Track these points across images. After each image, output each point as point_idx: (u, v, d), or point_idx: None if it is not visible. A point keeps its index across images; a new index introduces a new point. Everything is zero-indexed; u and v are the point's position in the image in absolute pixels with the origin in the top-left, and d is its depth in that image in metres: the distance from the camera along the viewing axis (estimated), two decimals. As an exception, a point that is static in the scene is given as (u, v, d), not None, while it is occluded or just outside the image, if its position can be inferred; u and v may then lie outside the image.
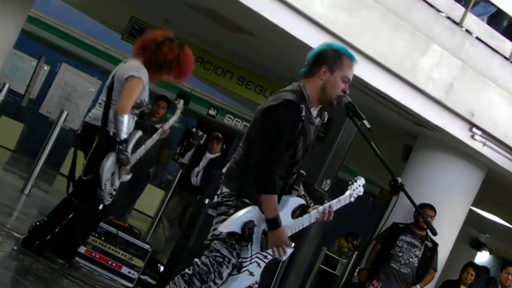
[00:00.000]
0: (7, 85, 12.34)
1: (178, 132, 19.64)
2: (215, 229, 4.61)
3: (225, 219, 4.55)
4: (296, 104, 4.54)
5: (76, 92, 20.95)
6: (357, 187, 4.93)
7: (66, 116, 11.88)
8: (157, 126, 7.50)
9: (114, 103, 6.67)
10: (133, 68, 6.69)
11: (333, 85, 4.67)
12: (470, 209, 11.41)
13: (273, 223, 4.51)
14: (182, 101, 7.87)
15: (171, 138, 9.91)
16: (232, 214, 4.54)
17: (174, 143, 12.12)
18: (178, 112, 7.81)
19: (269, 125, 4.53)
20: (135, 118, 6.88)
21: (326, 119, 4.83)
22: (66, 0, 16.55)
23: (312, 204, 4.84)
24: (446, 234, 10.35)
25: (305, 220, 4.72)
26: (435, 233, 5.32)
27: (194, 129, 12.55)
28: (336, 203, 4.84)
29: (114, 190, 6.78)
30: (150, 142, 7.30)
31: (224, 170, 4.78)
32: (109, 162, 6.64)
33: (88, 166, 6.73)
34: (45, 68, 20.48)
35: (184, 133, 19.67)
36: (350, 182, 4.95)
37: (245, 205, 4.56)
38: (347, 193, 4.89)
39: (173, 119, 7.71)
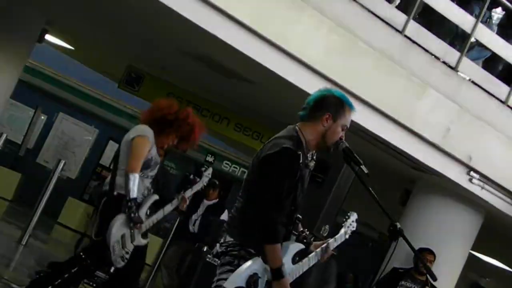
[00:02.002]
0: (4, 135, 12.35)
1: (176, 179, 19.67)
2: (220, 279, 4.53)
3: (230, 270, 4.48)
4: (294, 151, 4.52)
5: (73, 141, 20.95)
6: (351, 223, 4.95)
7: (63, 165, 11.89)
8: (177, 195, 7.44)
9: (122, 167, 6.72)
10: (138, 129, 6.82)
11: (333, 132, 4.66)
12: (470, 253, 11.35)
13: (278, 273, 4.45)
14: (210, 169, 7.80)
15: (170, 186, 9.85)
16: (237, 264, 4.48)
17: (172, 191, 12.08)
18: (205, 180, 7.75)
19: (269, 174, 4.48)
20: (146, 181, 6.86)
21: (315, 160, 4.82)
22: (62, 50, 16.62)
23: (312, 238, 4.83)
24: (446, 279, 10.28)
25: (305, 265, 4.68)
26: (435, 279, 5.27)
27: (191, 176, 12.51)
28: (333, 242, 4.85)
29: (126, 253, 6.68)
30: (168, 208, 7.23)
31: (226, 218, 4.74)
32: (116, 224, 6.60)
33: (97, 227, 6.75)
34: (42, 117, 20.50)
35: (181, 180, 19.71)
36: (344, 219, 4.96)
37: (250, 254, 4.49)
38: (342, 230, 4.93)
39: (196, 187, 7.69)
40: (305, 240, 4.85)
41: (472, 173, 9.99)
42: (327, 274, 9.67)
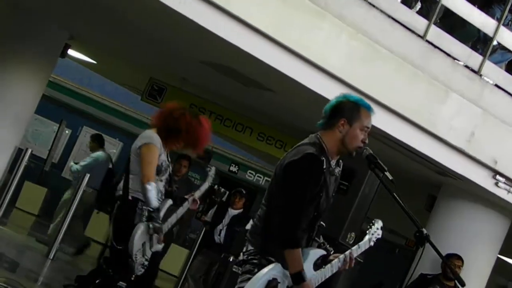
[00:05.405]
0: (29, 151, 12.42)
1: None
2: (240, 287, 4.56)
3: (249, 278, 4.51)
4: (317, 157, 4.53)
5: (98, 155, 21.02)
6: (376, 230, 4.92)
7: (88, 179, 11.92)
8: (186, 196, 7.48)
9: (134, 172, 6.78)
10: (144, 137, 6.86)
11: (352, 137, 4.65)
12: (498, 257, 11.28)
13: (298, 277, 4.45)
14: (213, 168, 7.82)
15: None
16: (257, 273, 4.49)
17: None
18: (210, 180, 7.79)
19: (292, 181, 4.50)
20: (160, 184, 6.90)
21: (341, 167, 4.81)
22: (85, 64, 16.72)
23: (332, 252, 4.80)
24: (474, 284, 10.20)
25: (327, 271, 4.66)
26: (463, 284, 5.23)
27: (216, 186, 12.54)
28: (357, 249, 4.82)
29: (146, 260, 6.76)
30: (181, 210, 7.31)
31: (248, 227, 4.77)
32: (138, 233, 6.66)
33: (115, 234, 6.79)
34: (67, 132, 20.62)
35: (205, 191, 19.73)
36: (368, 226, 4.93)
37: (270, 263, 4.51)
38: (366, 237, 4.89)
39: (203, 187, 7.72)
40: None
41: (498, 177, 9.92)
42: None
